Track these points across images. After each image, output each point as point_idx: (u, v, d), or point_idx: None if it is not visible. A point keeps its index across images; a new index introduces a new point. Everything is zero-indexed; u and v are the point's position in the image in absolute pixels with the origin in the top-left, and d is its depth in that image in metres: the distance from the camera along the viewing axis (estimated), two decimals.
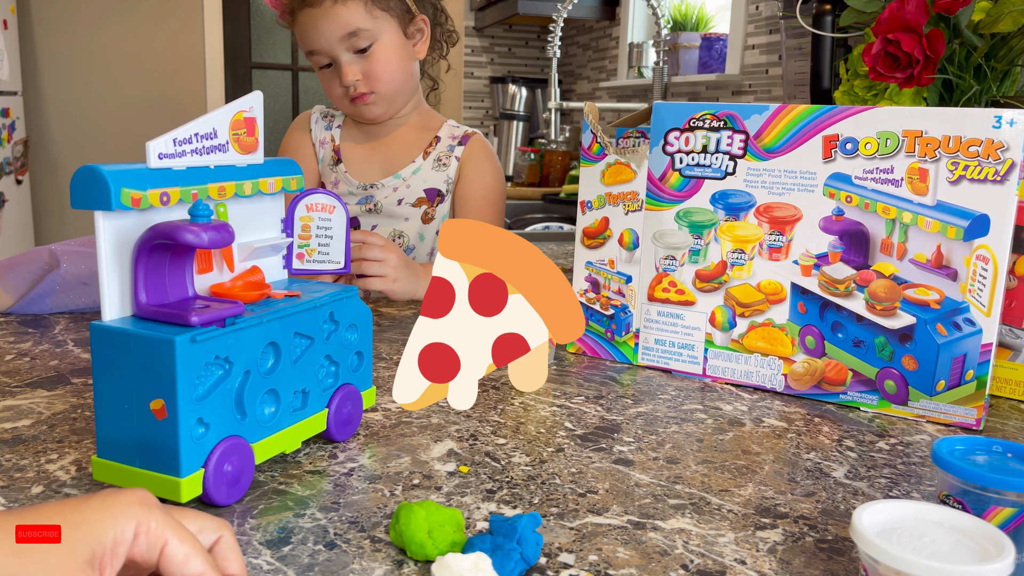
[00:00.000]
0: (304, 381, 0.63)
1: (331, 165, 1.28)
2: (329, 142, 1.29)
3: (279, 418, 0.61)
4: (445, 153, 1.27)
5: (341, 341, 0.67)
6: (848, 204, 0.81)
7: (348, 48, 1.15)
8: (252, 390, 0.59)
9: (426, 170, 1.27)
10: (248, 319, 0.57)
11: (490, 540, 0.50)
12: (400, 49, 1.19)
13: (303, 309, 0.62)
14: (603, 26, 3.52)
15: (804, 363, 0.85)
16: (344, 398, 0.68)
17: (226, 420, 0.57)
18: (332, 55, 1.16)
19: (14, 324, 1.01)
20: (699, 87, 2.86)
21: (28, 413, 0.72)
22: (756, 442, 0.73)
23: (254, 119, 0.63)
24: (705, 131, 0.86)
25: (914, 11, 1.01)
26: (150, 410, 0.53)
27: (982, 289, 0.75)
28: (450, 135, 1.29)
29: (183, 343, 0.52)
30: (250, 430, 0.59)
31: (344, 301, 0.66)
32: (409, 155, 1.28)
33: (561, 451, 0.69)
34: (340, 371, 0.67)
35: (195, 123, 0.59)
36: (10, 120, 3.28)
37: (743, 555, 0.53)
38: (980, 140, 0.74)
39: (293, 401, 0.63)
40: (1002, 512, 0.49)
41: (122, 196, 0.52)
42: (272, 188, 0.65)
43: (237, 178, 0.62)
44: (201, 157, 0.59)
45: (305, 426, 0.64)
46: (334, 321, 0.66)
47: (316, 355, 0.64)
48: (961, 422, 0.78)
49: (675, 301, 0.91)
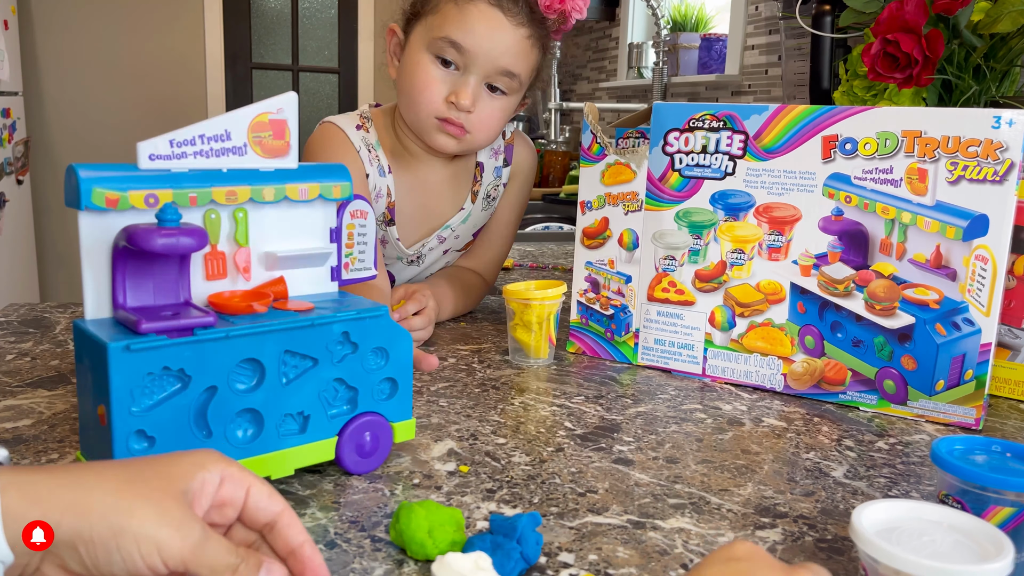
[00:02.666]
0: (303, 404, 0.59)
1: (381, 224, 1.10)
2: (385, 195, 1.08)
3: (263, 441, 0.57)
4: (493, 184, 1.15)
5: (361, 365, 0.61)
6: (847, 204, 0.81)
7: (488, 77, 0.99)
8: (220, 409, 0.55)
9: (476, 214, 1.14)
10: (214, 331, 0.53)
11: (490, 539, 0.50)
12: (508, 114, 1.05)
13: (297, 326, 0.57)
14: (603, 26, 3.52)
15: (803, 363, 0.85)
16: (362, 427, 0.62)
17: (181, 437, 0.54)
18: (469, 66, 0.98)
19: (15, 324, 1.01)
20: (699, 87, 2.86)
21: (29, 413, 0.72)
22: (756, 442, 0.73)
23: (284, 121, 0.59)
24: (705, 131, 0.87)
25: (913, 11, 1.01)
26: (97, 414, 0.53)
27: (981, 289, 0.76)
28: (491, 152, 1.14)
29: (116, 350, 0.50)
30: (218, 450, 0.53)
31: (366, 321, 0.60)
32: (456, 200, 1.13)
33: (561, 451, 0.69)
34: (359, 397, 0.62)
35: (201, 124, 0.56)
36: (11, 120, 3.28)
37: None
38: (979, 140, 0.74)
39: (285, 424, 0.58)
40: (1001, 512, 0.49)
41: (93, 196, 0.51)
42: (305, 195, 0.60)
43: (254, 182, 0.58)
44: (208, 160, 0.57)
45: (304, 452, 0.60)
46: (351, 343, 0.60)
47: (321, 378, 0.59)
48: (960, 422, 0.78)
49: (675, 301, 0.91)
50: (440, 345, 0.99)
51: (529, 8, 0.97)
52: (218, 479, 0.42)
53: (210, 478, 0.42)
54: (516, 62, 0.98)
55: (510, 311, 0.92)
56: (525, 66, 1.00)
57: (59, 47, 3.74)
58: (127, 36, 3.84)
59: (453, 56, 0.97)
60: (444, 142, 1.02)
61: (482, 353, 0.96)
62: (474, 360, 0.93)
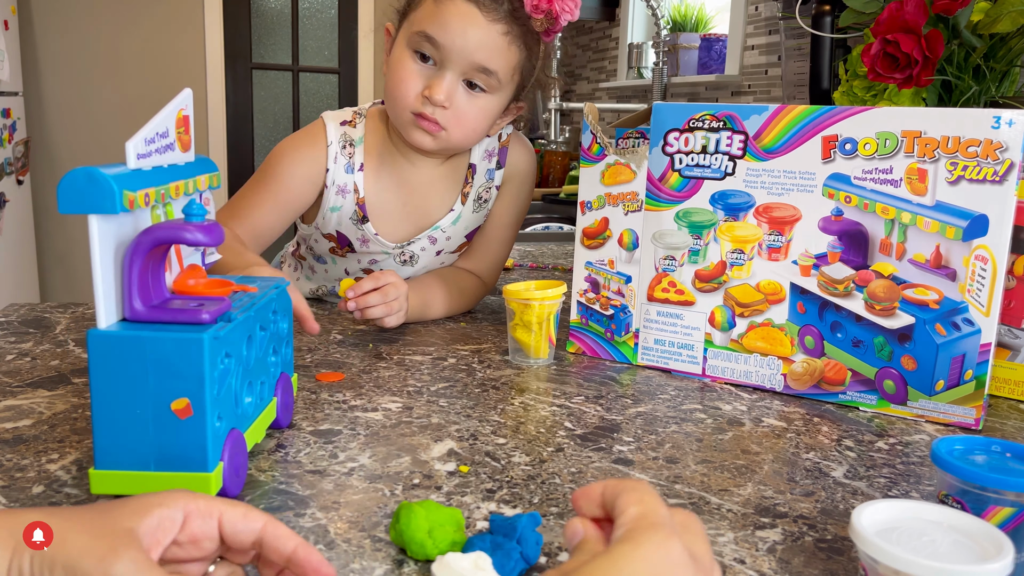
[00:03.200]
0: (263, 372, 0.66)
1: (356, 222, 1.09)
2: (352, 192, 1.08)
3: (256, 408, 0.64)
4: (484, 186, 1.13)
5: (279, 331, 0.69)
6: (847, 204, 0.81)
7: (465, 73, 0.98)
8: (240, 382, 0.60)
9: (466, 216, 1.13)
10: (236, 313, 0.59)
11: (490, 539, 0.50)
12: (494, 116, 1.04)
13: (262, 303, 0.64)
14: (603, 27, 3.52)
15: (803, 363, 0.85)
16: (286, 386, 0.71)
17: (230, 413, 0.58)
18: (445, 61, 0.98)
19: (15, 324, 1.01)
20: (699, 88, 2.86)
21: (29, 413, 0.72)
22: (755, 442, 0.73)
23: (188, 117, 0.62)
24: (704, 132, 0.87)
25: (913, 12, 1.01)
26: (170, 411, 0.54)
27: (981, 289, 0.76)
28: (484, 154, 1.13)
29: (210, 340, 0.53)
30: (241, 421, 0.61)
31: (281, 293, 0.70)
32: (445, 201, 1.12)
33: (561, 451, 0.69)
34: (280, 360, 0.70)
35: (154, 122, 0.57)
36: (11, 120, 3.28)
37: (742, 555, 0.53)
38: (979, 140, 0.74)
39: (262, 390, 0.66)
40: (1001, 512, 0.49)
41: (124, 198, 0.51)
42: (203, 186, 0.64)
43: (184, 176, 0.61)
44: (161, 156, 0.58)
45: (265, 416, 0.67)
46: (274, 312, 0.68)
47: (267, 346, 0.66)
48: (960, 422, 0.79)
49: (675, 301, 0.91)
50: (440, 345, 0.99)
51: (511, 6, 0.97)
52: (181, 515, 0.42)
53: (169, 514, 0.41)
54: (492, 58, 0.97)
55: (510, 311, 0.93)
56: (503, 63, 0.98)
57: (59, 47, 3.74)
58: (127, 36, 3.84)
59: (429, 51, 0.98)
60: (420, 138, 1.02)
61: (482, 353, 0.96)
62: (474, 360, 0.93)
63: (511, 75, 1.01)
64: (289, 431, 0.71)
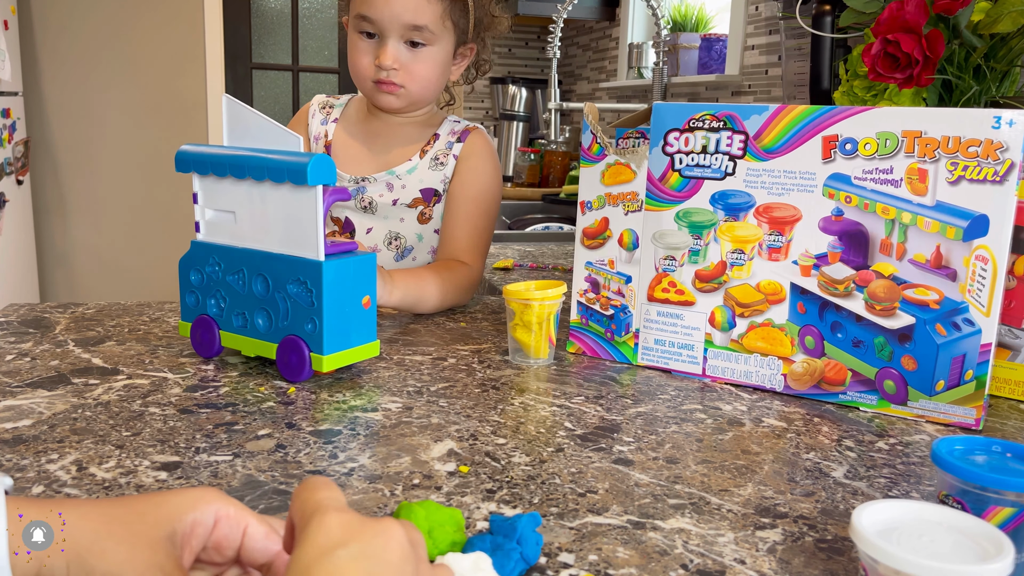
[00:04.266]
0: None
1: None
2: (322, 137, 1.28)
3: None
4: (443, 151, 1.24)
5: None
6: (847, 204, 0.81)
7: (403, 35, 1.14)
8: None
9: (422, 170, 1.24)
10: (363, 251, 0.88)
11: (490, 540, 0.50)
12: (445, 63, 1.19)
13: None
14: (603, 27, 3.52)
15: (803, 363, 0.85)
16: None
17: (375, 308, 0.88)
18: (384, 32, 1.14)
19: (14, 324, 1.01)
20: (699, 88, 2.86)
21: (29, 413, 0.72)
22: (756, 442, 0.73)
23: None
24: (705, 132, 0.87)
25: (913, 12, 1.01)
26: (361, 304, 0.84)
27: (981, 289, 0.76)
28: (450, 131, 1.26)
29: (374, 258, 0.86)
30: None
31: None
32: (405, 152, 1.25)
33: (561, 451, 0.69)
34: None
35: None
36: (11, 120, 3.28)
37: (743, 555, 0.53)
38: (979, 140, 0.74)
39: None
40: (1001, 512, 0.49)
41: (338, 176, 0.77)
42: None
43: None
44: None
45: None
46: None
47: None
48: (960, 422, 0.78)
49: (675, 301, 0.91)
50: (440, 345, 0.99)
51: None
52: (212, 520, 0.42)
53: (202, 519, 0.42)
54: (418, 15, 1.12)
55: (510, 311, 0.92)
56: (430, 17, 1.13)
57: (58, 47, 3.74)
58: (127, 36, 3.84)
59: (369, 27, 1.15)
60: (386, 100, 1.19)
61: (482, 353, 0.96)
62: (474, 360, 0.93)
63: (442, 24, 1.15)
64: (289, 431, 0.71)
